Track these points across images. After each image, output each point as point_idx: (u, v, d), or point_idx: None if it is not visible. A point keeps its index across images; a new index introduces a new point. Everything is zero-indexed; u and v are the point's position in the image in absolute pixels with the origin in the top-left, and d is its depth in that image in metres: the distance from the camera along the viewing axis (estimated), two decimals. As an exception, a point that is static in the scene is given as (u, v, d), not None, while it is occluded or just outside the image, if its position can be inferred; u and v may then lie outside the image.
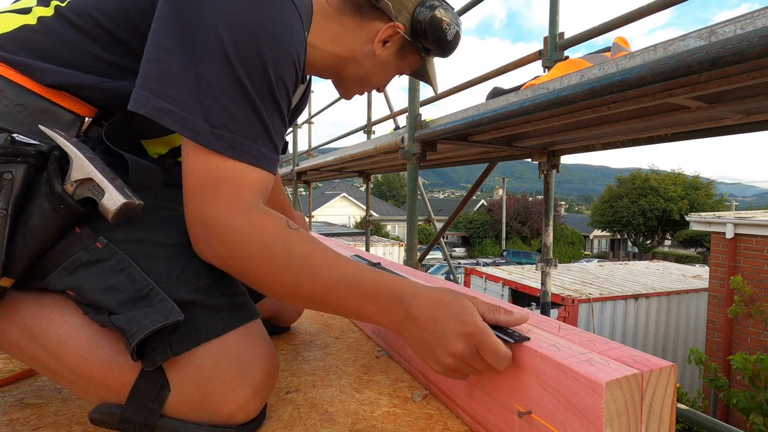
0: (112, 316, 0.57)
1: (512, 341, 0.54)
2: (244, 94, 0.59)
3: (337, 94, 0.98)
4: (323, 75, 0.87)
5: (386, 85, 0.92)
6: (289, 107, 0.67)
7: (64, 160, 0.59)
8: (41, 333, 0.60)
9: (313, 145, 6.22)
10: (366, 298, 0.60)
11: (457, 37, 0.84)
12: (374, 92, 0.99)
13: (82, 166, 0.57)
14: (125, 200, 0.57)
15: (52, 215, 0.57)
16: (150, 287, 0.58)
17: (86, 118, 0.68)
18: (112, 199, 0.57)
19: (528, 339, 0.54)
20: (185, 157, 0.60)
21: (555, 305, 6.28)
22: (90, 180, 0.57)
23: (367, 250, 5.42)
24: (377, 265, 0.96)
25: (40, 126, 0.60)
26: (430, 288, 0.60)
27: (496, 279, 7.96)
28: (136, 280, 0.59)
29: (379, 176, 42.06)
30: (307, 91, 1.00)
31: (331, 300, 0.60)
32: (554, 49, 2.00)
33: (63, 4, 0.66)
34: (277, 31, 0.61)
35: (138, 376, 0.59)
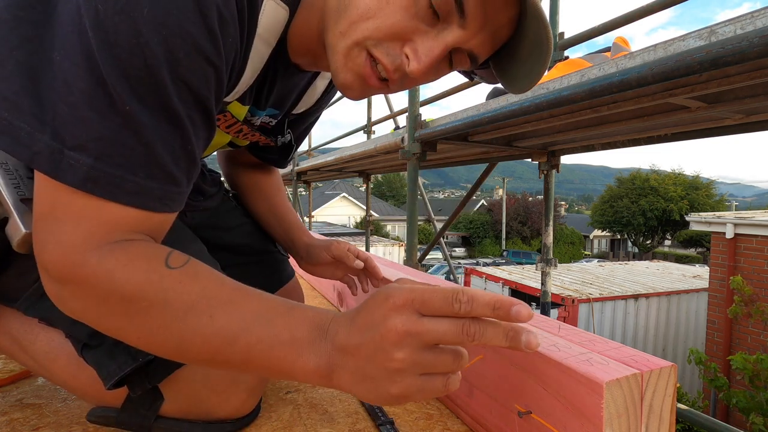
0: (85, 350, 0.55)
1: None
2: (116, 101, 0.40)
3: (337, 93, 0.83)
4: (318, 61, 0.61)
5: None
6: (212, 116, 0.47)
7: None
8: (29, 346, 0.60)
9: (313, 145, 6.22)
10: (279, 342, 0.42)
11: None
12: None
13: None
14: (27, 231, 0.47)
15: None
16: None
17: None
18: (13, 227, 0.48)
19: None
20: (35, 188, 0.43)
21: (555, 305, 6.27)
22: None
23: (367, 250, 5.42)
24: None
25: None
26: (352, 309, 0.44)
27: (496, 279, 7.96)
28: None
29: (379, 176, 42.07)
30: (331, 87, 0.80)
31: (231, 353, 0.43)
32: (554, 49, 2.00)
33: None
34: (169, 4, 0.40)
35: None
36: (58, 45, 0.40)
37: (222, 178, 0.98)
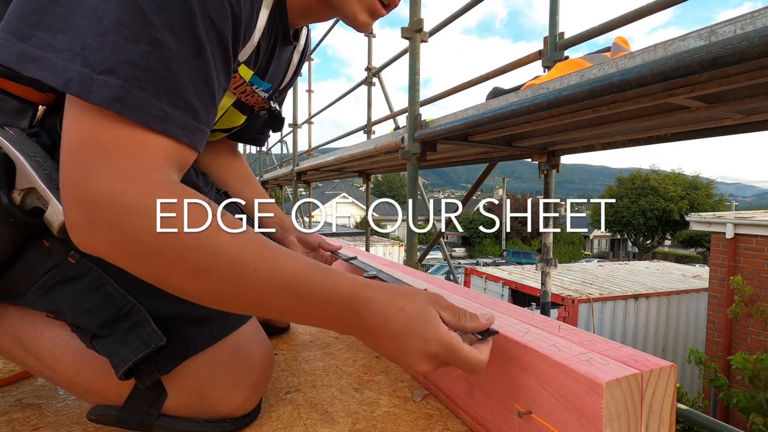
0: (95, 340, 0.56)
1: (480, 337, 0.51)
2: (147, 29, 0.41)
3: (337, 93, 0.88)
4: (312, 15, 0.71)
5: None
6: (230, 61, 0.50)
7: (11, 164, 0.51)
8: (32, 344, 0.60)
9: (313, 145, 6.21)
10: (311, 305, 0.48)
11: None
12: (374, 91, 0.95)
13: (25, 173, 0.49)
14: None
15: (3, 229, 0.51)
16: (130, 305, 0.55)
17: (39, 106, 0.58)
18: (55, 212, 0.49)
19: (496, 333, 0.52)
20: (64, 121, 0.43)
21: (555, 305, 6.27)
22: (35, 189, 0.50)
23: (367, 250, 5.42)
24: (352, 259, 0.98)
25: None
26: (388, 290, 0.50)
27: (496, 279, 7.96)
28: (114, 298, 0.55)
29: (379, 176, 42.05)
30: (302, 59, 0.87)
31: (267, 306, 0.48)
32: (554, 49, 2.00)
33: None
34: None
35: (134, 385, 0.58)
36: None
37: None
